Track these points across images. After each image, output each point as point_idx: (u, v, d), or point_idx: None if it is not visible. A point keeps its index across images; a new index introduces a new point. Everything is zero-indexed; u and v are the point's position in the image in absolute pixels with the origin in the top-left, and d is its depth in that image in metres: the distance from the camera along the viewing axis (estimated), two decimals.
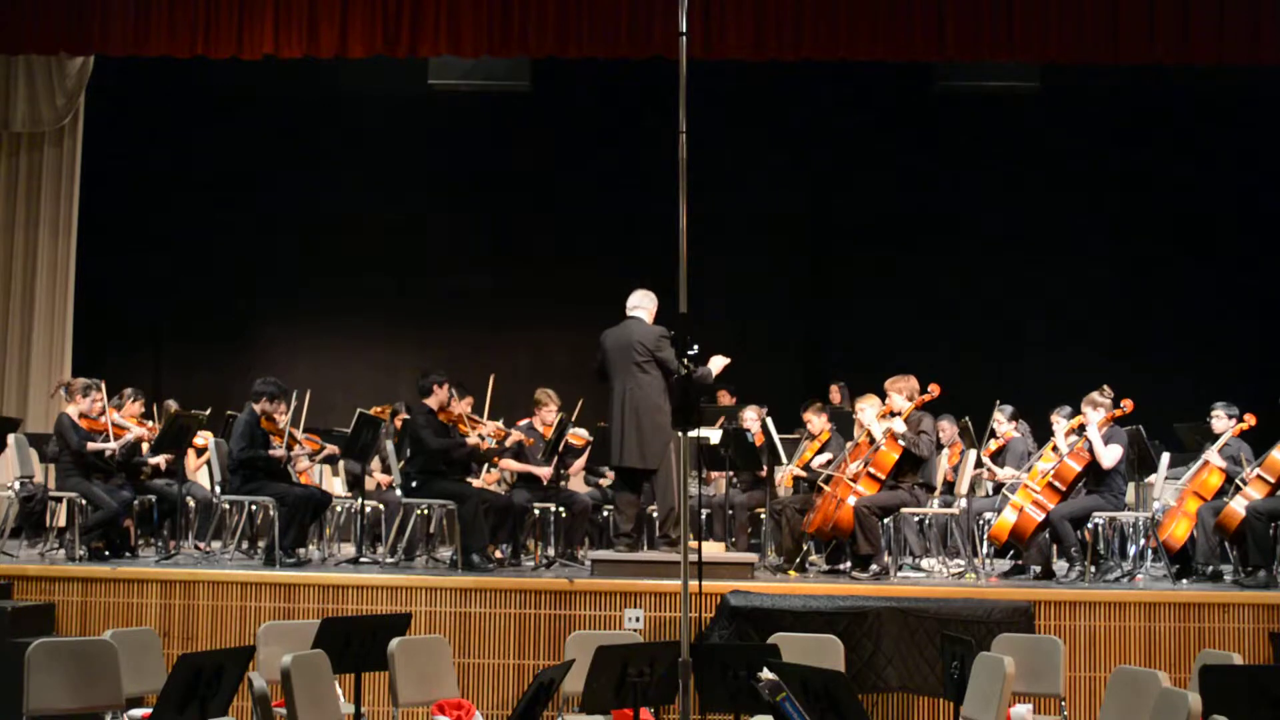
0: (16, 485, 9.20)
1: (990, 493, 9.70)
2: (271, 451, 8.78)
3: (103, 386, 9.08)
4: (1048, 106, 12.56)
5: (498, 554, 8.88)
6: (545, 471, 9.38)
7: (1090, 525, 8.46)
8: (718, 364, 8.24)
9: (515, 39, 10.24)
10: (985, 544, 9.43)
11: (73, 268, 12.27)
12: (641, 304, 8.40)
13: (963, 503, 9.26)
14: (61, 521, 9.43)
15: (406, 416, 9.68)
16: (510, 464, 9.56)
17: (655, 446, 8.04)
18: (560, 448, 9.48)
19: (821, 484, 8.86)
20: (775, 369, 12.40)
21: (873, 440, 8.71)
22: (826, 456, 9.37)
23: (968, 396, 9.99)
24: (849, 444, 9.21)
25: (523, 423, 9.78)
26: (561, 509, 9.43)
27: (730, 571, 7.98)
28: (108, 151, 12.51)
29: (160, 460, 9.56)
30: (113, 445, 8.89)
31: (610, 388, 8.26)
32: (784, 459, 9.53)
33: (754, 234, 13.01)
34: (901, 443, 8.48)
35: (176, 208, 13.03)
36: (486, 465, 9.91)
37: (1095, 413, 8.41)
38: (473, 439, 8.93)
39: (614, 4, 10.15)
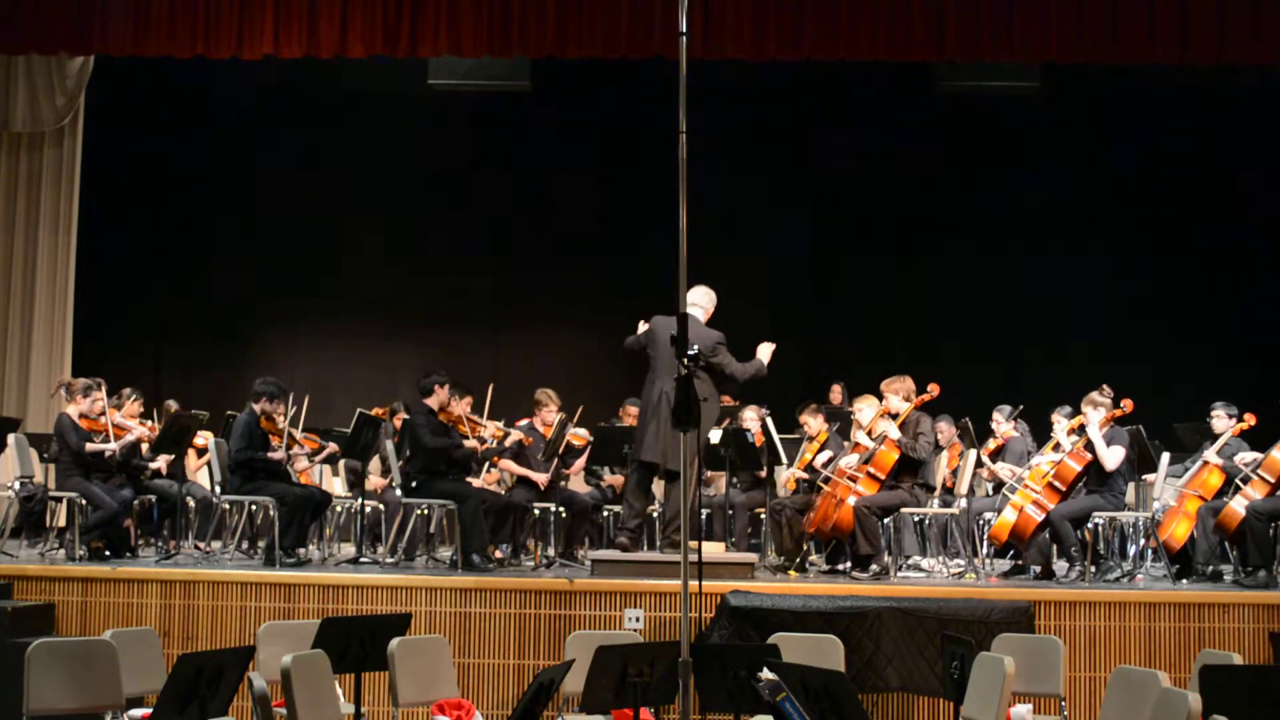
0: (16, 485, 9.20)
1: (990, 493, 9.70)
2: (270, 454, 8.78)
3: (103, 386, 9.09)
4: (1048, 106, 12.57)
5: (498, 554, 8.88)
6: (543, 478, 9.36)
7: (1090, 525, 8.46)
8: (766, 351, 8.21)
9: (515, 39, 10.24)
10: (985, 544, 9.43)
11: (73, 268, 12.27)
12: (699, 301, 8.23)
13: (963, 503, 9.26)
14: (61, 521, 9.43)
15: (406, 416, 9.68)
16: (510, 465, 9.56)
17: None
18: (561, 448, 9.48)
19: (821, 484, 8.86)
20: (775, 369, 12.35)
21: (873, 439, 8.71)
22: (827, 455, 9.36)
23: (967, 396, 9.99)
24: (847, 444, 9.21)
25: (522, 423, 9.78)
26: (561, 509, 9.43)
27: (730, 571, 7.98)
28: (108, 151, 12.52)
29: (161, 464, 9.56)
30: (112, 446, 8.89)
31: (651, 380, 8.15)
32: (784, 459, 9.53)
33: (754, 233, 13.01)
34: (900, 447, 8.48)
35: (176, 208, 13.03)
36: (486, 465, 9.91)
37: (1095, 412, 8.41)
38: (471, 442, 8.92)
39: (614, 4, 10.15)
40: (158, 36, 10.25)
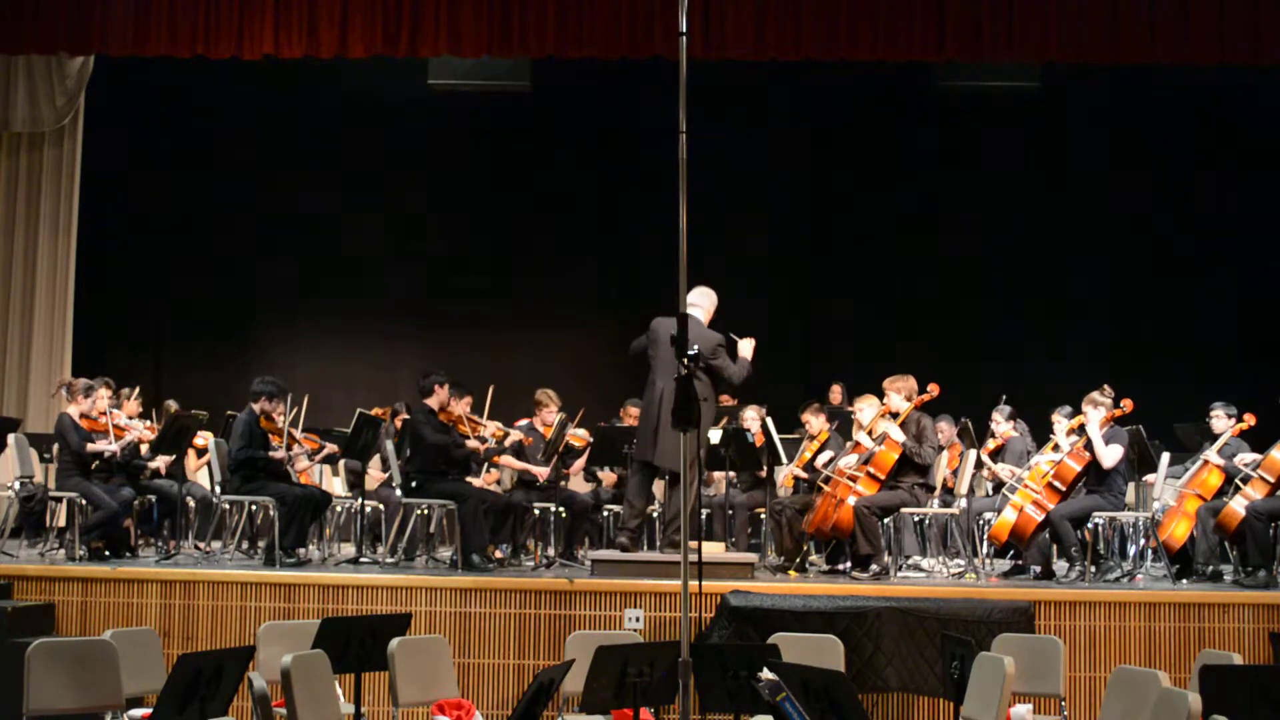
0: (16, 485, 9.21)
1: (990, 493, 9.70)
2: (271, 453, 8.78)
3: (111, 385, 9.10)
4: (1048, 106, 12.57)
5: (498, 554, 8.88)
6: (542, 471, 9.37)
7: (1090, 525, 8.46)
8: (747, 348, 8.19)
9: (515, 39, 10.24)
10: (985, 544, 9.43)
11: (73, 268, 12.27)
12: (699, 302, 8.19)
13: (963, 503, 9.26)
14: (61, 521, 9.43)
15: (406, 416, 9.69)
16: (509, 461, 9.56)
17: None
18: (560, 448, 9.48)
19: (821, 484, 8.86)
20: (775, 369, 12.37)
21: (874, 438, 8.71)
22: (828, 455, 9.36)
23: (967, 396, 9.99)
24: (848, 444, 9.21)
25: (522, 423, 9.78)
26: (561, 509, 9.43)
27: (730, 571, 7.98)
28: (108, 151, 12.51)
29: (160, 464, 9.56)
30: (113, 446, 8.89)
31: (652, 381, 8.12)
32: (784, 459, 9.53)
33: (754, 233, 13.02)
34: (902, 448, 8.48)
35: (176, 208, 13.03)
36: (486, 465, 9.91)
37: (1095, 412, 8.42)
38: (472, 442, 8.93)
39: (614, 4, 10.15)
40: (158, 36, 10.25)
